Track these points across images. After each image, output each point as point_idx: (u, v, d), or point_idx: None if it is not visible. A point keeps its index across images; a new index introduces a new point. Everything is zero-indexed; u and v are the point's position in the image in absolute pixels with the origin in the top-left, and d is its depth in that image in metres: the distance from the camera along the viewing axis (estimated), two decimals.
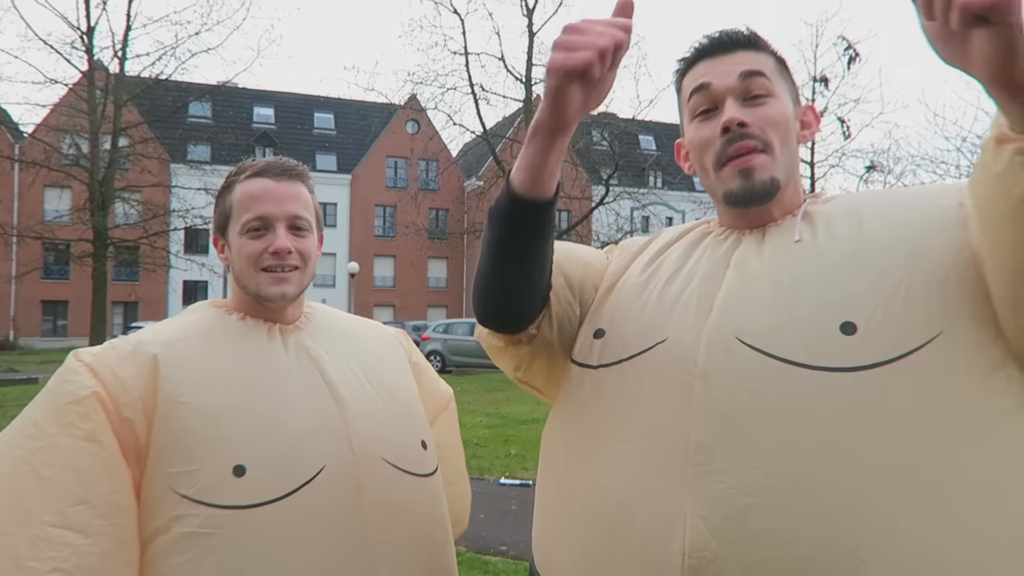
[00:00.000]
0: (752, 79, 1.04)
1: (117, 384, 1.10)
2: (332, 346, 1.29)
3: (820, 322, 0.91)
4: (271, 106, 41.86)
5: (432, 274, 41.77)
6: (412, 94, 19.72)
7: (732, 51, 1.07)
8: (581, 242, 18.30)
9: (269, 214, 1.22)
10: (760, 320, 0.95)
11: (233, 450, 1.09)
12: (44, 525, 0.99)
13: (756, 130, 1.02)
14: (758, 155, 1.02)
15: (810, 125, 1.13)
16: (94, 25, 14.26)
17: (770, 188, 1.03)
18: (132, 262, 18.52)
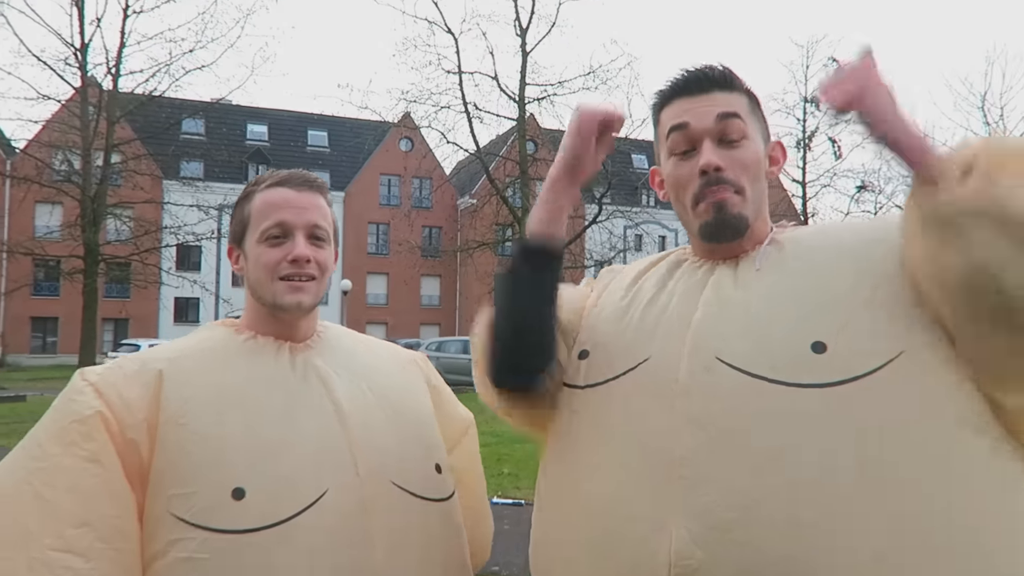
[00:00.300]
0: (728, 121, 1.10)
1: (122, 405, 1.07)
2: (343, 366, 1.26)
3: (793, 342, 0.98)
4: (264, 123, 41.94)
5: (425, 292, 41.72)
6: (406, 112, 19.79)
7: (708, 91, 1.12)
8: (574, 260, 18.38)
9: (289, 222, 1.20)
10: (738, 341, 1.01)
11: (232, 473, 1.06)
12: (44, 548, 0.96)
13: (730, 174, 1.09)
14: (731, 195, 1.09)
15: (778, 161, 1.19)
16: (88, 42, 14.29)
17: (740, 224, 1.10)
18: (123, 279, 18.39)
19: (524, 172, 18.48)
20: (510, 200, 18.65)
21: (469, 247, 20.38)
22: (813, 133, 19.95)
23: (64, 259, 15.69)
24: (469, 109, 18.25)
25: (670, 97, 1.15)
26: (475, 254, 20.14)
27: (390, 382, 1.31)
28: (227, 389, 1.14)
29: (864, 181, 20.32)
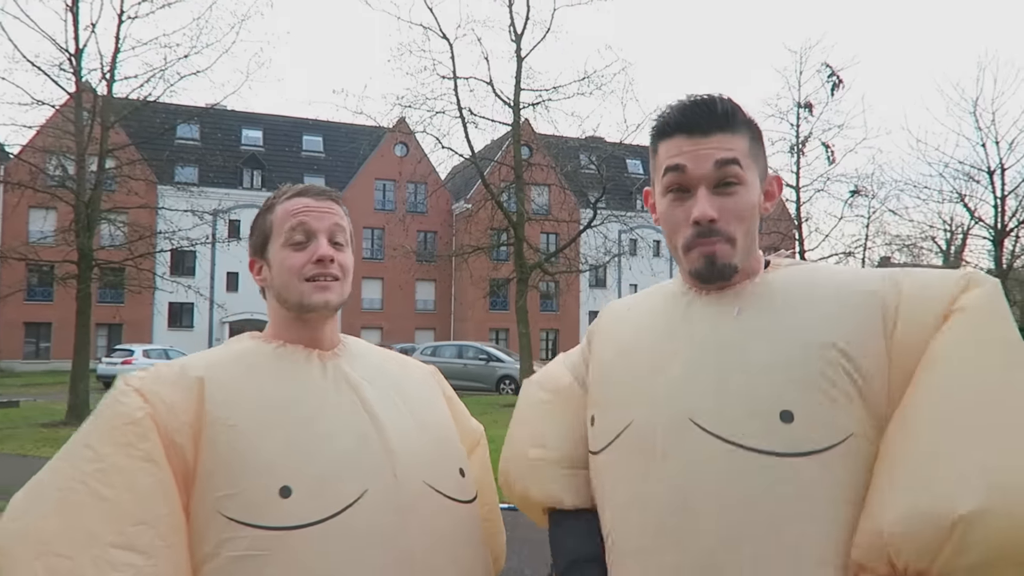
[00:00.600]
0: (726, 168, 1.09)
1: (167, 409, 1.11)
2: (370, 374, 1.31)
3: (763, 409, 1.01)
4: (260, 128, 41.91)
5: (420, 296, 41.68)
6: (401, 117, 19.78)
7: (709, 132, 1.10)
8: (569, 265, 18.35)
9: (311, 225, 1.26)
10: (711, 401, 1.04)
11: (279, 472, 1.10)
12: (107, 547, 1.00)
13: (723, 225, 1.09)
14: (722, 245, 1.10)
15: (773, 196, 1.19)
16: (83, 47, 14.23)
17: (728, 272, 1.12)
18: (117, 284, 18.32)
19: (519, 177, 18.48)
20: (505, 205, 18.64)
21: (464, 252, 20.36)
22: (807, 138, 20.02)
23: (58, 264, 15.60)
24: (464, 114, 18.25)
25: (670, 132, 1.13)
26: (470, 259, 20.11)
27: (413, 390, 1.37)
28: (266, 393, 1.18)
29: (857, 186, 20.38)
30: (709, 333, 1.11)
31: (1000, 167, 17.65)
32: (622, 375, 1.18)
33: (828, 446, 0.97)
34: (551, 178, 20.64)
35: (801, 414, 0.99)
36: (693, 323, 1.13)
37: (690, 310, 1.15)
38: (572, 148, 20.35)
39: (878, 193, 20.51)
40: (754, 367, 1.04)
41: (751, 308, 1.10)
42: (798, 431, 0.98)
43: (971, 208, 18.52)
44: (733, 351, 1.07)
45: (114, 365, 24.39)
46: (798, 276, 1.14)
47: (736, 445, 1.00)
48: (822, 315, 1.05)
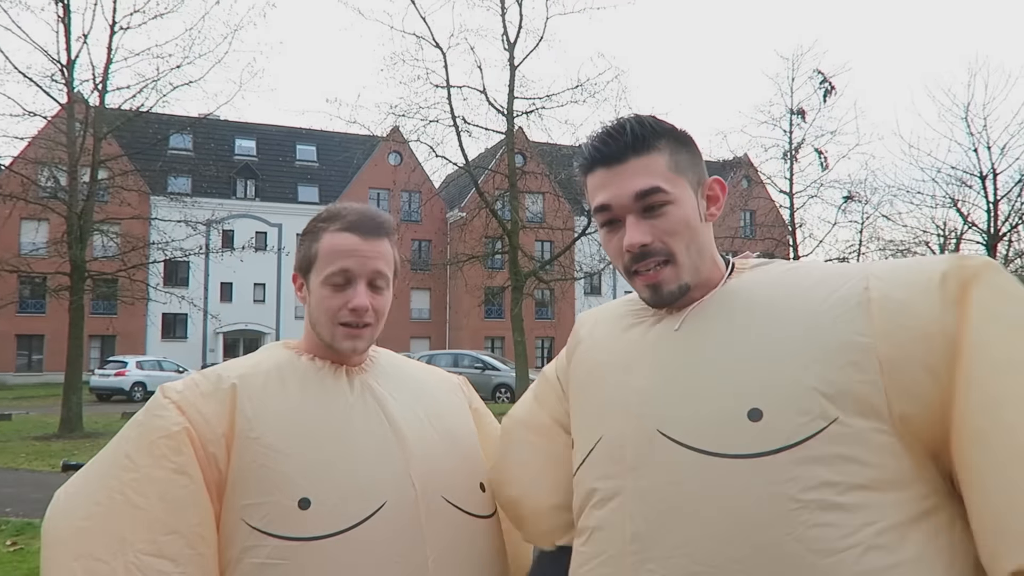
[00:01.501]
0: (647, 197, 1.07)
1: (203, 421, 1.16)
2: (396, 388, 1.34)
3: (729, 410, 0.97)
4: (253, 138, 41.91)
5: (415, 305, 41.64)
6: (394, 126, 19.80)
7: (623, 159, 1.08)
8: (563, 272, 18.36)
9: (352, 270, 1.26)
10: (677, 411, 1.02)
11: (299, 484, 1.14)
12: (139, 553, 1.06)
13: (658, 245, 1.08)
14: (663, 268, 1.08)
15: (716, 199, 1.15)
16: (75, 58, 14.20)
17: (679, 294, 1.09)
18: (110, 295, 18.23)
19: (513, 185, 18.49)
20: (499, 213, 18.65)
21: (459, 260, 20.35)
22: (799, 144, 20.09)
23: (50, 276, 15.54)
24: (458, 123, 18.26)
25: (590, 166, 1.13)
26: (465, 267, 20.10)
27: (439, 405, 1.39)
28: (293, 406, 1.21)
29: (851, 192, 20.46)
30: (671, 344, 1.09)
31: (992, 172, 17.73)
32: (592, 393, 1.17)
33: (805, 438, 0.92)
34: (545, 186, 20.66)
35: (770, 409, 0.95)
36: (656, 337, 1.11)
37: (652, 327, 1.13)
38: (566, 156, 20.37)
39: (871, 199, 20.56)
40: (719, 370, 1.01)
41: (713, 316, 1.08)
42: (767, 427, 0.94)
43: (964, 213, 18.59)
44: (696, 357, 1.04)
45: (107, 377, 24.27)
46: (762, 279, 1.11)
47: (704, 452, 0.97)
48: (790, 321, 1.01)
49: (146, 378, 24.16)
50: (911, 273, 0.99)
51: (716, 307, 1.09)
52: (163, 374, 24.35)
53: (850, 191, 20.42)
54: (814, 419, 0.93)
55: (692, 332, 1.08)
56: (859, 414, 0.93)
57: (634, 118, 1.11)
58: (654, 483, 1.00)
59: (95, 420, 14.80)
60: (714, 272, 1.13)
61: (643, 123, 1.10)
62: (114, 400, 23.57)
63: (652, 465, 1.01)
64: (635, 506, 1.01)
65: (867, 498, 0.90)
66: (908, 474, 0.92)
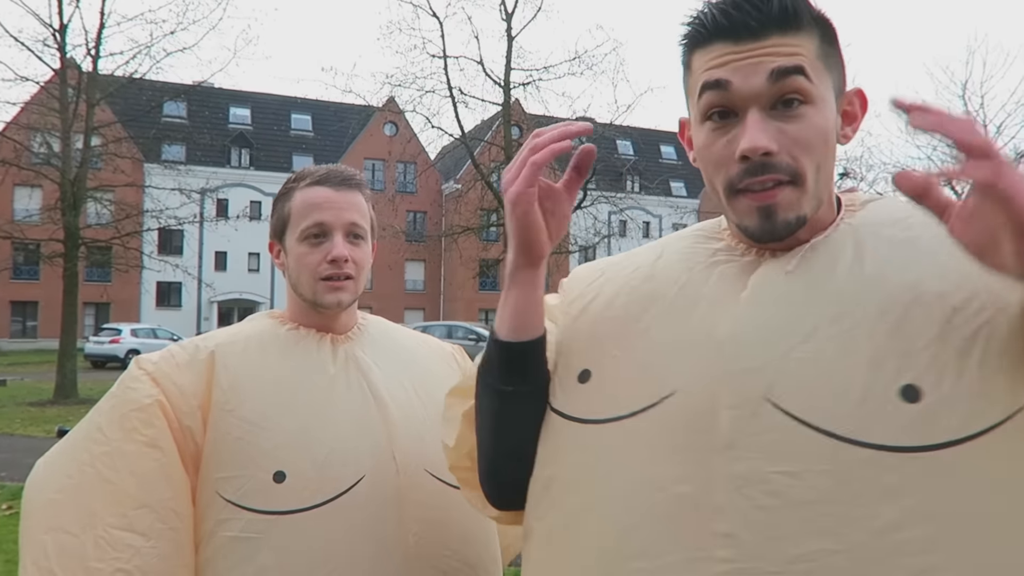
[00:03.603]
0: (786, 80, 0.79)
1: (178, 393, 1.15)
2: (382, 358, 1.30)
3: (874, 384, 0.72)
4: (247, 107, 41.51)
5: (409, 277, 41.64)
6: (390, 96, 19.64)
7: (762, 34, 0.79)
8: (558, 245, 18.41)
9: (327, 222, 1.24)
10: (795, 375, 0.75)
11: (274, 457, 1.12)
12: (108, 527, 1.04)
13: (785, 158, 0.79)
14: (784, 189, 0.80)
15: (855, 118, 0.88)
16: (67, 23, 14.01)
17: (793, 227, 0.82)
18: (104, 263, 18.23)
19: (509, 157, 18.40)
20: (495, 185, 18.60)
21: (454, 232, 20.33)
22: None
23: (44, 243, 15.48)
24: (454, 94, 18.15)
25: (707, 38, 0.82)
26: (460, 239, 20.09)
27: (428, 376, 1.34)
28: (270, 377, 1.19)
29: (846, 168, 20.42)
30: (785, 288, 0.82)
31: None
32: (638, 327, 0.88)
33: (981, 430, 0.69)
34: None
35: (933, 388, 0.71)
36: (761, 279, 0.84)
37: (748, 266, 0.86)
38: None
39: (867, 176, 20.52)
40: (852, 328, 0.76)
41: (837, 259, 0.82)
42: (929, 412, 0.70)
43: (958, 192, 18.54)
44: (824, 308, 0.78)
45: (102, 344, 24.28)
46: (887, 218, 0.86)
47: (835, 436, 0.71)
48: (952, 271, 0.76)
49: (140, 346, 24.13)
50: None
51: (835, 252, 0.82)
52: (157, 342, 24.34)
53: (846, 168, 20.38)
54: (994, 404, 0.70)
55: (814, 276, 0.81)
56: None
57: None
58: (759, 470, 0.73)
59: (90, 387, 14.84)
60: (829, 213, 0.87)
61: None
62: (109, 367, 23.57)
63: (756, 443, 0.74)
64: (729, 497, 0.73)
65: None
66: None
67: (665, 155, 46.69)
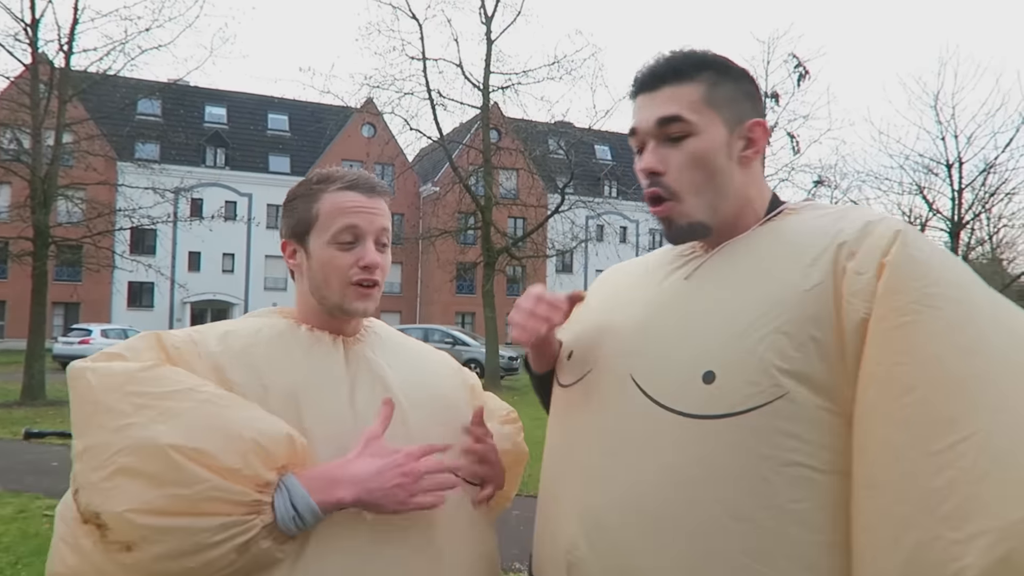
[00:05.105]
0: (668, 126, 1.07)
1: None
2: (392, 360, 1.32)
3: (689, 368, 1.00)
4: (223, 106, 41.12)
5: (386, 279, 41.43)
6: (368, 98, 19.58)
7: (659, 87, 1.09)
8: (536, 250, 18.26)
9: (362, 227, 1.24)
10: (649, 360, 1.06)
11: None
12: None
13: (667, 179, 1.08)
14: (667, 204, 1.08)
15: (755, 143, 1.11)
16: (39, 17, 13.78)
17: (693, 232, 1.10)
18: (75, 262, 17.94)
19: (487, 161, 18.43)
20: (473, 188, 18.59)
21: (431, 235, 20.28)
22: (772, 128, 20.23)
23: (12, 241, 15.18)
24: (433, 96, 18.13)
25: (634, 93, 1.14)
26: (437, 242, 20.05)
27: (434, 377, 1.38)
28: (297, 378, 1.19)
29: (821, 176, 20.69)
30: (674, 292, 1.11)
31: (958, 160, 18.04)
32: (595, 323, 1.21)
33: (750, 408, 0.93)
34: (519, 162, 20.60)
35: (724, 374, 0.96)
36: (668, 283, 1.14)
37: (674, 271, 1.15)
38: (541, 133, 20.32)
39: (840, 184, 20.81)
40: (693, 326, 1.04)
41: (720, 267, 1.08)
42: (718, 391, 0.96)
43: (929, 200, 18.92)
44: (682, 309, 1.07)
45: (71, 345, 23.87)
46: (788, 226, 1.08)
47: (658, 404, 1.01)
48: (769, 281, 1.01)
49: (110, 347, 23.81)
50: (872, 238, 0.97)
51: (733, 256, 1.08)
52: None
53: (820, 176, 20.66)
54: (762, 391, 0.93)
55: (696, 283, 1.09)
56: (810, 391, 0.92)
57: (682, 49, 1.12)
58: (616, 422, 1.06)
59: (58, 388, 14.56)
60: (747, 215, 1.11)
61: (688, 54, 1.11)
62: None
63: (619, 406, 1.07)
64: (598, 438, 1.08)
65: (803, 475, 0.91)
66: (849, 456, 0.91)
67: None
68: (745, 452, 0.93)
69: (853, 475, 0.90)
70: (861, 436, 0.90)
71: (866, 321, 0.91)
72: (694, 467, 0.96)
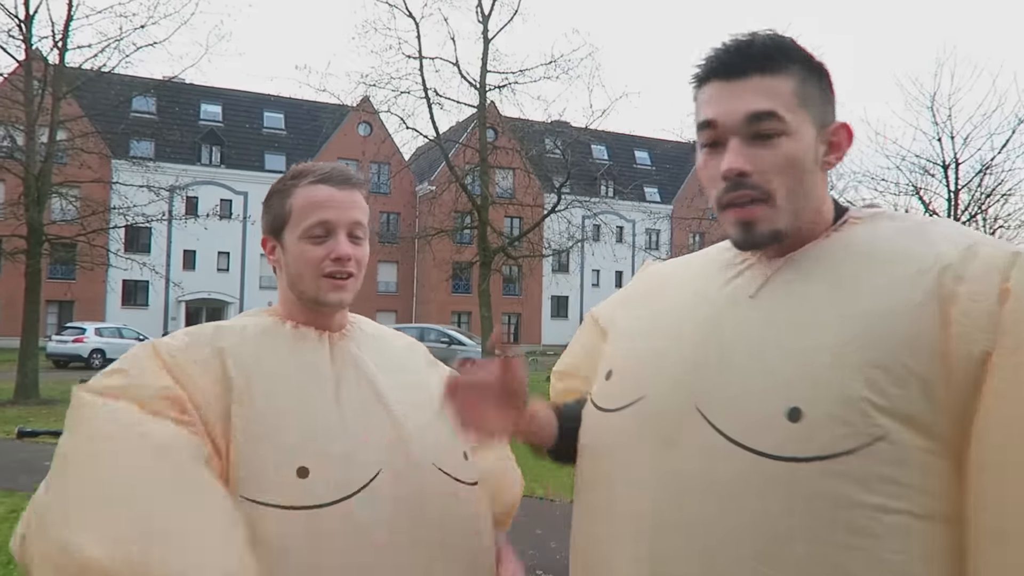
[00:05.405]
0: (760, 123, 0.95)
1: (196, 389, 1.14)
2: (378, 356, 1.32)
3: (770, 404, 0.89)
4: (219, 103, 41.04)
5: (382, 278, 41.42)
6: (365, 96, 19.53)
7: (746, 75, 0.96)
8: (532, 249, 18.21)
9: (332, 220, 1.24)
10: (720, 390, 0.95)
11: (297, 452, 1.12)
12: None
13: (758, 179, 0.96)
14: (758, 206, 0.97)
15: (839, 147, 1.02)
16: (33, 13, 13.71)
17: (772, 239, 0.98)
18: (68, 260, 17.86)
19: (484, 160, 18.41)
20: (469, 187, 18.57)
21: (427, 234, 20.25)
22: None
23: (6, 238, 15.11)
24: (429, 95, 18.08)
25: (705, 78, 1.01)
26: (433, 241, 20.03)
27: (418, 372, 1.39)
28: (283, 374, 1.20)
29: None
30: (739, 311, 1.00)
31: (955, 161, 18.05)
32: (643, 342, 1.10)
33: (844, 451, 0.84)
34: (516, 162, 20.59)
35: (812, 412, 0.86)
36: (726, 300, 1.03)
37: (729, 283, 1.04)
38: (538, 132, 20.30)
39: (837, 184, 20.80)
40: (771, 355, 0.92)
41: (793, 284, 0.98)
42: (805, 432, 0.86)
43: (926, 201, 18.93)
44: (754, 334, 0.96)
45: (65, 343, 23.79)
46: (864, 239, 0.99)
47: (735, 443, 0.90)
48: (860, 309, 0.90)
49: (105, 345, 23.72)
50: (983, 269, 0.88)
51: (804, 270, 0.98)
52: (123, 341, 23.93)
53: None
54: (858, 432, 0.84)
55: (766, 301, 0.98)
56: (911, 432, 0.84)
57: (768, 32, 0.99)
58: (683, 463, 0.95)
59: (52, 387, 14.51)
60: (818, 224, 1.02)
61: (776, 40, 0.98)
62: (72, 367, 23.11)
63: (686, 443, 0.95)
64: (661, 480, 0.96)
65: (902, 523, 0.83)
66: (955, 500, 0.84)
67: (639, 160, 47.05)
68: (840, 499, 0.84)
69: (974, 522, 0.82)
70: (987, 482, 0.82)
71: (988, 354, 0.83)
72: (781, 515, 0.86)
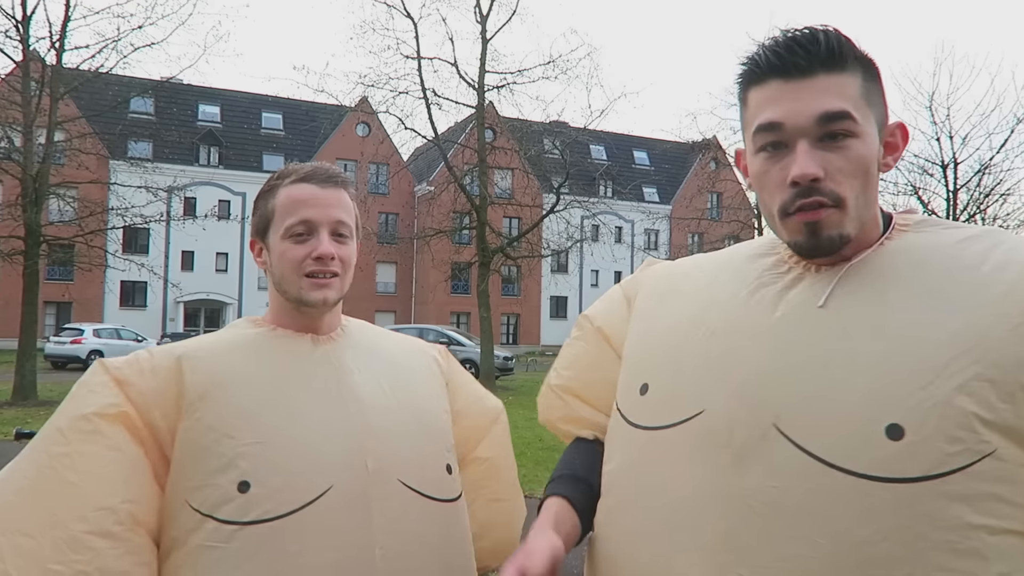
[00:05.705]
0: (833, 123, 0.90)
1: (143, 400, 1.12)
2: (364, 361, 1.28)
3: (864, 420, 0.83)
4: (217, 104, 41.00)
5: (381, 279, 41.41)
6: (363, 97, 19.51)
7: (811, 73, 0.90)
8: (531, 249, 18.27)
9: (313, 219, 1.22)
10: (800, 405, 0.87)
11: (237, 466, 1.10)
12: (68, 529, 1.02)
13: (830, 184, 0.90)
14: (828, 210, 0.91)
15: (896, 148, 0.98)
16: (31, 14, 13.68)
17: (837, 243, 0.93)
18: (66, 261, 17.85)
19: (482, 160, 18.39)
20: (468, 188, 18.55)
21: (426, 234, 20.24)
22: None
23: (3, 240, 15.09)
24: (428, 95, 18.07)
25: (762, 76, 0.93)
26: (432, 241, 20.02)
27: (409, 379, 1.33)
28: (241, 382, 1.17)
29: None
30: (808, 320, 0.92)
31: (953, 161, 18.06)
32: (688, 348, 1.01)
33: (952, 469, 0.79)
34: (514, 162, 20.58)
35: (914, 429, 0.80)
36: (791, 307, 0.95)
37: (788, 290, 0.97)
38: (536, 132, 20.30)
39: None
40: (860, 366, 0.86)
41: (865, 291, 0.92)
42: (908, 450, 0.80)
43: (924, 201, 18.94)
44: (835, 344, 0.89)
45: (63, 344, 23.75)
46: (927, 247, 0.94)
47: (825, 463, 0.83)
48: (956, 319, 0.85)
49: (103, 346, 23.68)
50: None
51: (869, 279, 0.92)
52: (121, 342, 23.90)
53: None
54: (966, 449, 0.79)
55: (838, 311, 0.91)
56: (1019, 447, 0.80)
57: (826, 27, 0.92)
58: (760, 483, 0.86)
59: (50, 388, 14.50)
60: (872, 230, 0.97)
61: (840, 38, 0.92)
62: (70, 368, 23.07)
63: (761, 462, 0.87)
64: (732, 503, 0.88)
65: (1008, 544, 0.79)
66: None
67: (638, 160, 47.04)
68: (948, 520, 0.78)
69: None
70: None
71: None
72: (886, 540, 0.79)
